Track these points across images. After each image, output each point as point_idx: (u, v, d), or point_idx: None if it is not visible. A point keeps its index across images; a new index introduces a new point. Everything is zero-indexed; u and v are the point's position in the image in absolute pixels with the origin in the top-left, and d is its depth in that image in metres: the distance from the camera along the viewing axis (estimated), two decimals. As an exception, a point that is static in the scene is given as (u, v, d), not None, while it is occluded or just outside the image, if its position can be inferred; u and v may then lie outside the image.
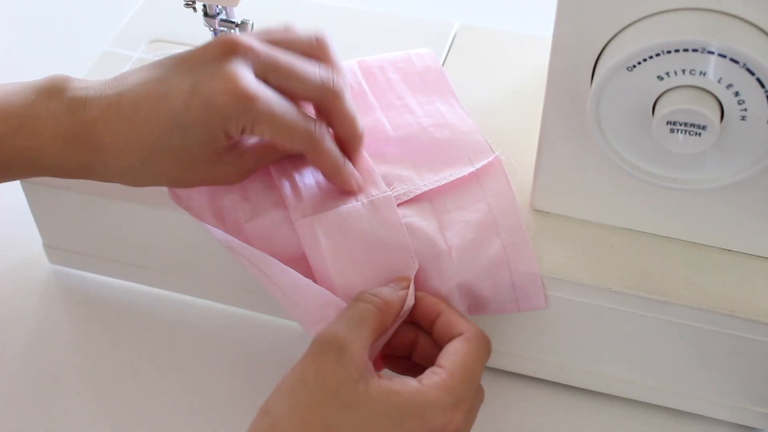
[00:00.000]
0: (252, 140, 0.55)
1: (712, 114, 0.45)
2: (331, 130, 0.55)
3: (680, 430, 0.58)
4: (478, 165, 0.57)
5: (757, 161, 0.47)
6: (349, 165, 0.55)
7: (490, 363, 0.60)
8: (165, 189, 0.57)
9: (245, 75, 0.50)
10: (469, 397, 0.49)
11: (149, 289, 0.66)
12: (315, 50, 0.54)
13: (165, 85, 0.51)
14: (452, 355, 0.49)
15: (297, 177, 0.56)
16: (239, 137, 0.52)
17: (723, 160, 0.48)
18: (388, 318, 0.50)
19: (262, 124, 0.51)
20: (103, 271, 0.67)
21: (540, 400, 0.60)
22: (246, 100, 0.50)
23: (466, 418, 0.49)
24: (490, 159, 0.57)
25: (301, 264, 0.54)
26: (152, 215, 0.60)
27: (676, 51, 0.44)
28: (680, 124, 0.46)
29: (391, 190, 0.55)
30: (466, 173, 0.57)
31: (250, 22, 0.61)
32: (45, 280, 0.67)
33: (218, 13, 0.61)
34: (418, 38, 0.68)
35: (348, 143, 0.56)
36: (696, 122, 0.45)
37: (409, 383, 0.47)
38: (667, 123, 0.46)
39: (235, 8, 0.61)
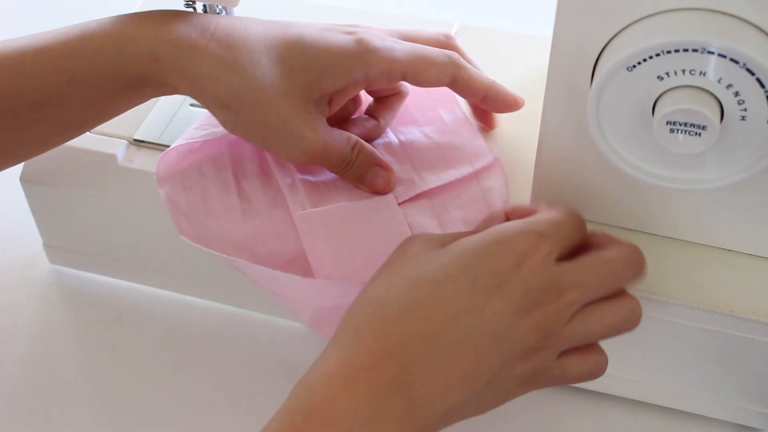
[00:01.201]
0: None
1: (712, 114, 0.45)
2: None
3: (680, 430, 0.58)
4: (478, 166, 0.57)
5: (757, 161, 0.47)
6: (498, 83, 0.56)
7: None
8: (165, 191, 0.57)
9: (372, 32, 0.53)
10: (555, 234, 0.46)
11: (149, 289, 0.66)
12: (442, 45, 0.56)
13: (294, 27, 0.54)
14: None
15: (298, 174, 0.56)
16: (355, 85, 0.53)
17: (723, 160, 0.48)
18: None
19: (399, 57, 0.52)
20: (103, 271, 0.67)
21: (540, 400, 0.60)
22: (384, 38, 0.52)
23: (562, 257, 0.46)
24: (490, 160, 0.57)
25: (299, 263, 0.54)
26: (152, 215, 0.60)
27: (676, 51, 0.44)
28: (680, 124, 0.46)
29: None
30: (465, 173, 0.57)
31: (250, 22, 0.61)
32: (45, 280, 0.67)
33: (218, 13, 0.61)
34: (418, 38, 0.68)
35: (484, 97, 0.56)
36: (696, 122, 0.45)
37: None
38: (667, 123, 0.46)
39: (234, 8, 0.61)
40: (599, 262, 0.46)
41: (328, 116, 0.54)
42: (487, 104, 0.57)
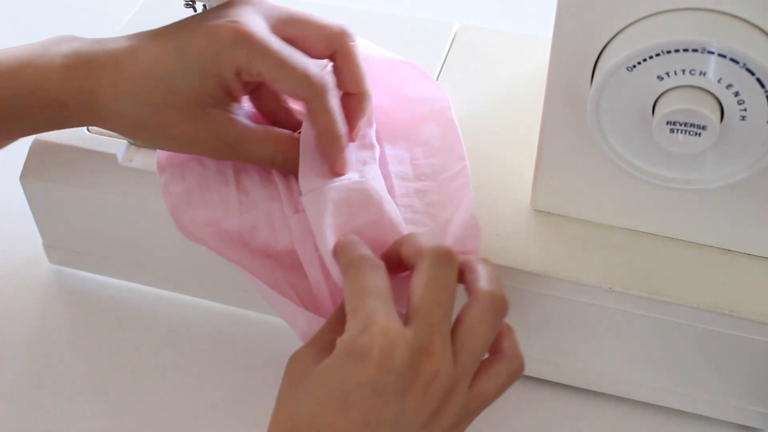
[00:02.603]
0: (244, 112, 0.56)
1: (712, 114, 0.45)
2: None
3: (680, 430, 0.58)
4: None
5: (757, 161, 0.47)
6: (346, 141, 0.54)
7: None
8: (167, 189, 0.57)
9: (251, 17, 0.52)
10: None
11: (149, 289, 0.66)
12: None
13: (181, 23, 0.54)
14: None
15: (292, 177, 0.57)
16: (233, 82, 0.53)
17: (723, 160, 0.48)
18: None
19: (257, 57, 0.51)
20: (103, 271, 0.67)
21: (540, 400, 0.60)
22: (244, 35, 0.51)
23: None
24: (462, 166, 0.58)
25: (291, 256, 0.54)
26: (152, 215, 0.60)
27: (676, 51, 0.44)
28: (680, 124, 0.46)
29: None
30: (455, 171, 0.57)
31: (250, 22, 0.61)
32: (45, 280, 0.67)
33: (218, 13, 0.61)
34: (418, 38, 0.68)
35: (351, 96, 0.55)
36: (696, 122, 0.45)
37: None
38: (667, 123, 0.46)
39: (235, 8, 0.61)
40: (461, 337, 0.46)
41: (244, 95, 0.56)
42: (318, 144, 0.55)
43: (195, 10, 0.61)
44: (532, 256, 0.55)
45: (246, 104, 0.58)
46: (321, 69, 0.53)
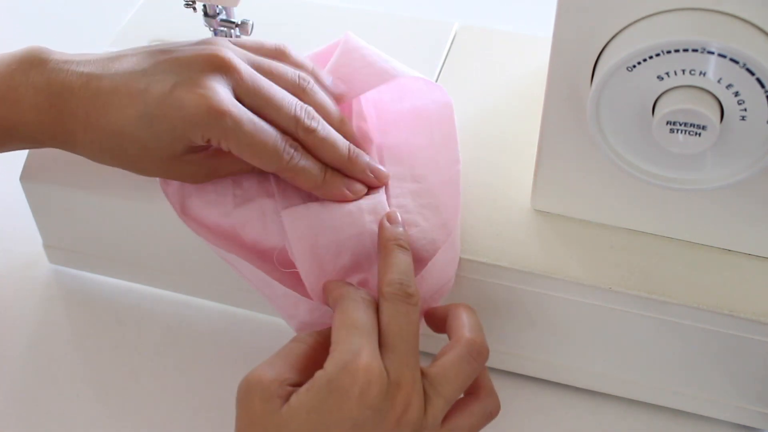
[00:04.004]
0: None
1: (712, 114, 0.45)
2: None
3: (680, 430, 0.58)
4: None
5: (757, 161, 0.47)
6: (335, 176, 0.55)
7: (491, 363, 0.60)
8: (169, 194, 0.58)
9: (222, 92, 0.52)
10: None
11: (149, 289, 0.66)
12: (296, 89, 0.56)
13: (147, 78, 0.53)
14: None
15: None
16: (204, 144, 0.53)
17: (723, 160, 0.48)
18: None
19: (229, 139, 0.52)
20: (103, 271, 0.67)
21: (540, 400, 0.60)
22: (216, 114, 0.51)
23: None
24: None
25: (282, 254, 0.55)
26: (152, 215, 0.60)
27: (676, 51, 0.44)
28: (680, 124, 0.46)
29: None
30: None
31: (250, 22, 0.62)
32: (45, 280, 0.67)
33: (218, 13, 0.61)
34: (418, 38, 0.68)
35: (338, 169, 0.56)
36: (696, 122, 0.45)
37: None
38: (667, 123, 0.46)
39: (235, 8, 0.61)
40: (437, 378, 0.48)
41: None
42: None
43: (195, 11, 0.61)
44: (532, 256, 0.55)
45: None
46: (289, 141, 0.54)
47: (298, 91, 0.56)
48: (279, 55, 0.57)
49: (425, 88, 0.61)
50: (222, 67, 0.53)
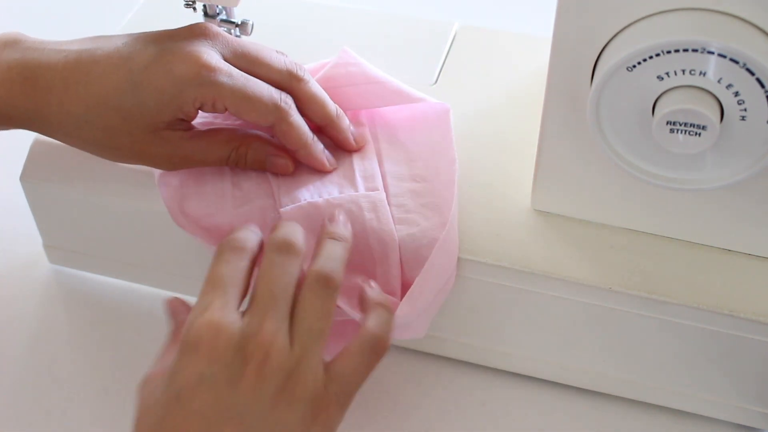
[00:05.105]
0: (196, 129, 0.56)
1: (712, 114, 0.45)
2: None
3: (680, 430, 0.58)
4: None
5: (757, 161, 0.47)
6: (319, 144, 0.57)
7: (491, 363, 0.60)
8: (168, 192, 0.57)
9: (210, 52, 0.52)
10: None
11: (149, 289, 0.66)
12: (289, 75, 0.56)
13: (130, 48, 0.53)
14: None
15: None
16: (193, 112, 0.53)
17: (723, 160, 0.48)
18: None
19: (224, 95, 0.52)
20: (103, 271, 0.67)
21: (540, 400, 0.60)
22: (207, 71, 0.51)
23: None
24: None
25: None
26: (152, 215, 0.60)
27: (676, 51, 0.44)
28: (680, 124, 0.46)
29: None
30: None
31: (250, 22, 0.61)
32: (45, 280, 0.67)
33: (218, 13, 0.61)
34: (418, 38, 0.68)
35: (322, 126, 0.57)
36: (696, 122, 0.45)
37: None
38: (667, 123, 0.46)
39: (235, 8, 0.61)
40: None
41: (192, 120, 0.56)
42: (298, 157, 0.57)
43: (195, 11, 0.61)
44: (532, 256, 0.55)
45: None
46: (283, 94, 0.55)
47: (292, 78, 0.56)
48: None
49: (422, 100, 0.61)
50: (205, 34, 0.53)
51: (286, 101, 0.55)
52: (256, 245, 0.49)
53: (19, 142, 0.63)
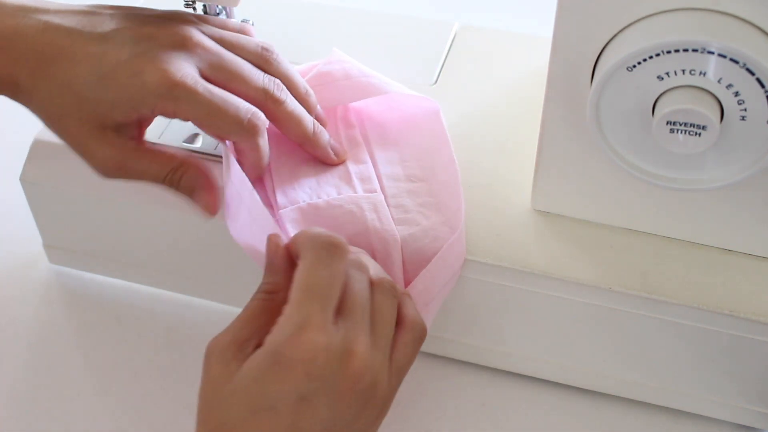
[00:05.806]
0: (145, 142, 0.56)
1: (712, 114, 0.45)
2: None
3: (680, 430, 0.58)
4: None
5: (757, 161, 0.47)
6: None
7: (491, 363, 0.60)
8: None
9: (185, 68, 0.52)
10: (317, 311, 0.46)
11: (149, 289, 0.66)
12: (260, 59, 0.56)
13: (106, 44, 0.52)
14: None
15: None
16: (149, 116, 0.53)
17: (723, 160, 0.48)
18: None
19: (187, 109, 0.52)
20: (103, 271, 0.67)
21: (540, 400, 0.60)
22: (175, 88, 0.51)
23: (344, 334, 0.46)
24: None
25: None
26: (153, 215, 0.60)
27: (676, 51, 0.44)
28: (680, 124, 0.46)
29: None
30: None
31: (250, 22, 0.62)
32: (45, 280, 0.67)
33: (218, 13, 0.61)
34: (418, 38, 0.68)
35: (300, 144, 0.57)
36: (696, 122, 0.45)
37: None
38: (667, 123, 0.46)
39: (235, 8, 0.61)
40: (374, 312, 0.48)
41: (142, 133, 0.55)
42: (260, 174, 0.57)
43: (195, 10, 0.61)
44: (533, 256, 0.55)
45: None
46: (254, 113, 0.53)
47: (261, 61, 0.56)
48: (242, 32, 0.57)
49: (411, 99, 0.61)
50: (185, 44, 0.53)
51: (256, 121, 0.53)
52: (347, 243, 0.49)
53: (19, 142, 0.63)
